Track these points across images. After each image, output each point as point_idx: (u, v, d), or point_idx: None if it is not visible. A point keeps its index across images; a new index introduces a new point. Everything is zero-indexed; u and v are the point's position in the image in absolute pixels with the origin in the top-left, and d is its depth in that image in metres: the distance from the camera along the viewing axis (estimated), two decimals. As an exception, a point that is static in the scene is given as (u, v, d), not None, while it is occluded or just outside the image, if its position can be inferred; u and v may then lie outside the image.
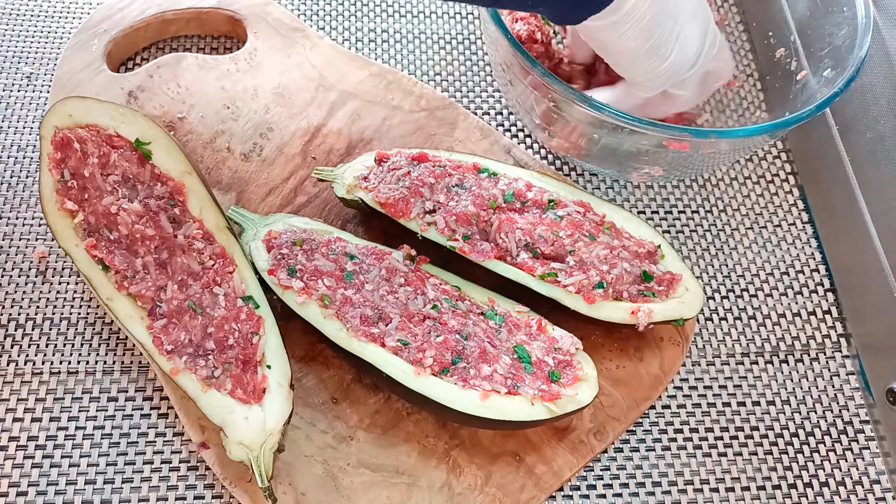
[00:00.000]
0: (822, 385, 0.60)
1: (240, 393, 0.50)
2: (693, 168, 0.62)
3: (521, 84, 0.60)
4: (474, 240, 0.57)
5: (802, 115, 0.54)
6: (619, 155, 0.61)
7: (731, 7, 0.77)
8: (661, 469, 0.56)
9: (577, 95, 0.54)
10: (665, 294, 0.57)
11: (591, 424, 0.56)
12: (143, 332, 0.52)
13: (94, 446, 0.54)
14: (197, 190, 0.56)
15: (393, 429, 0.55)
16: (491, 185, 0.59)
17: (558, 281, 0.55)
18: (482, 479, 0.54)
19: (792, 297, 0.64)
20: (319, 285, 0.54)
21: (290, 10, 0.76)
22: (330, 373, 0.57)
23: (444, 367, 0.51)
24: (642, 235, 0.59)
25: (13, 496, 0.52)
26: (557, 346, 0.54)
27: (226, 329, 0.52)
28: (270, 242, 0.56)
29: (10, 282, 0.60)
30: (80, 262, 0.53)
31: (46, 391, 0.56)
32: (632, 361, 0.59)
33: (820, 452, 0.58)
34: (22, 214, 0.63)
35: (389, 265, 0.55)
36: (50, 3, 0.74)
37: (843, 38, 0.59)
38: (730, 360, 0.61)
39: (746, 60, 0.73)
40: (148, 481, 0.53)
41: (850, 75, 0.56)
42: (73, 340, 0.58)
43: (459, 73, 0.74)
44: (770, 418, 0.59)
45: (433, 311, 0.53)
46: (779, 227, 0.67)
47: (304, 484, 0.52)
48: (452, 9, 0.77)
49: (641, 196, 0.68)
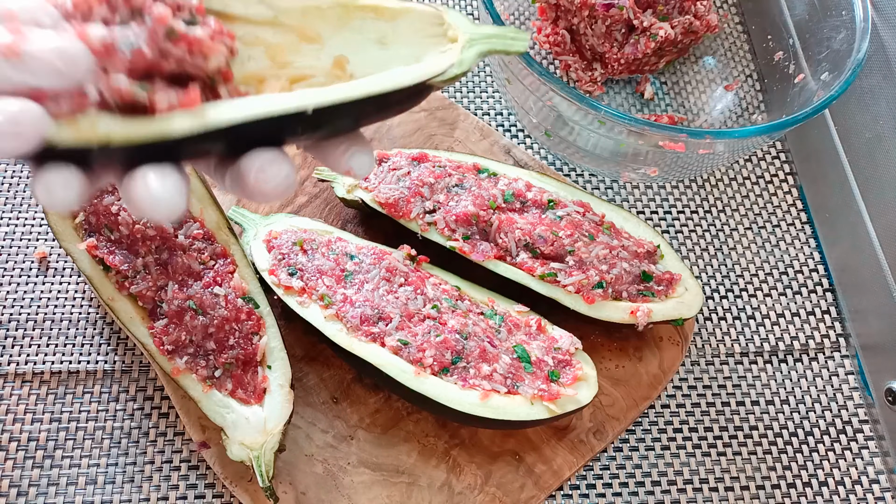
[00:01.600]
0: (821, 384, 0.61)
1: (240, 393, 0.50)
2: (691, 169, 0.63)
3: (519, 83, 0.60)
4: (474, 240, 0.57)
5: (798, 118, 0.55)
6: (617, 155, 0.61)
7: (730, 8, 0.77)
8: (661, 468, 0.56)
9: (574, 95, 0.54)
10: (664, 294, 0.57)
11: (590, 424, 0.56)
12: (143, 332, 0.52)
13: (95, 446, 0.54)
14: (198, 190, 0.56)
15: (393, 428, 0.55)
16: (491, 185, 0.59)
17: (558, 281, 0.55)
18: (482, 479, 0.54)
19: (791, 297, 0.64)
20: (319, 285, 0.54)
21: (291, 10, 0.76)
22: (330, 372, 0.57)
23: (443, 367, 0.51)
24: (642, 235, 0.59)
25: (14, 496, 0.52)
26: (557, 346, 0.54)
27: (226, 329, 0.52)
28: (271, 242, 0.56)
29: (10, 281, 0.60)
30: (80, 262, 0.54)
31: (47, 391, 0.56)
32: (631, 361, 0.59)
33: (819, 452, 0.58)
34: (23, 214, 0.63)
35: (389, 265, 0.55)
36: (50, 4, 0.74)
37: (842, 41, 0.59)
38: (729, 359, 0.61)
39: (745, 62, 0.74)
40: (149, 481, 0.53)
41: (848, 78, 0.56)
42: (74, 340, 0.58)
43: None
44: (769, 418, 0.59)
45: (433, 311, 0.53)
46: (778, 227, 0.68)
47: (304, 483, 0.53)
48: (452, 9, 0.77)
49: (641, 196, 0.68)
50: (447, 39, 0.36)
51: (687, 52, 0.73)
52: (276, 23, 0.35)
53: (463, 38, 0.36)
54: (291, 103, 0.31)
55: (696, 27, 0.69)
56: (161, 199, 0.30)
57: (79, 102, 0.29)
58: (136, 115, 0.30)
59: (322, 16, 0.35)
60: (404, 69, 0.34)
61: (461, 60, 0.35)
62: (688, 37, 0.70)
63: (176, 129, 0.30)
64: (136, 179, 0.30)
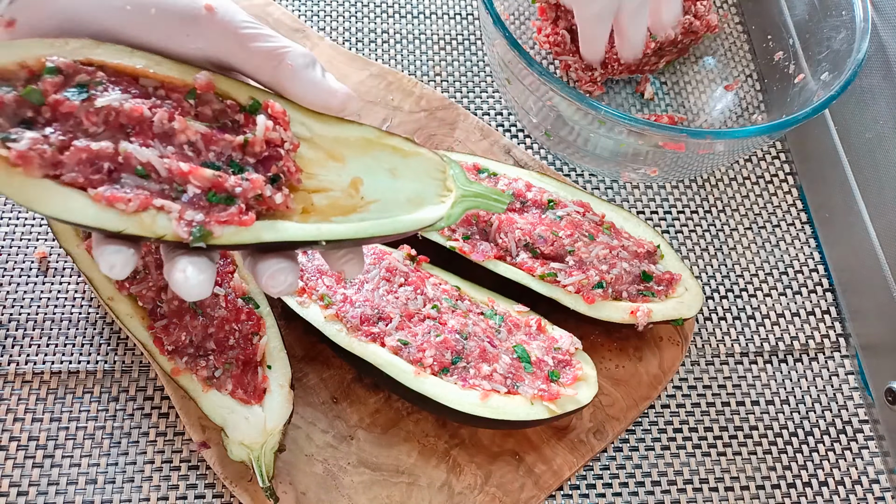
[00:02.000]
0: (821, 384, 0.61)
1: (240, 393, 0.50)
2: (691, 169, 0.63)
3: (519, 83, 0.60)
4: (474, 240, 0.57)
5: (798, 118, 0.55)
6: (617, 155, 0.61)
7: (730, 8, 0.77)
8: (661, 468, 0.56)
9: (574, 95, 0.54)
10: (664, 294, 0.57)
11: (590, 424, 0.56)
12: (144, 332, 0.52)
13: (96, 446, 0.54)
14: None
15: (393, 428, 0.55)
16: (491, 185, 0.59)
17: (558, 281, 0.55)
18: (482, 479, 0.54)
19: (791, 297, 0.64)
20: (319, 285, 0.54)
21: (291, 10, 0.76)
22: (330, 372, 0.57)
23: (443, 367, 0.51)
24: (642, 235, 0.59)
25: (14, 496, 0.52)
26: (557, 346, 0.54)
27: (226, 329, 0.52)
28: (271, 242, 0.56)
29: (10, 281, 0.60)
30: (81, 262, 0.54)
31: (47, 391, 0.56)
32: (631, 361, 0.59)
33: (819, 452, 0.58)
34: (23, 214, 0.63)
35: (389, 265, 0.55)
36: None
37: (842, 41, 0.59)
38: (729, 359, 0.61)
39: (745, 62, 0.74)
40: (149, 481, 0.53)
41: (848, 78, 0.56)
42: (75, 340, 0.58)
43: (459, 73, 0.74)
44: (769, 418, 0.59)
45: (433, 311, 0.53)
46: (778, 227, 0.68)
47: (304, 483, 0.53)
48: (452, 9, 0.77)
49: (641, 196, 0.68)
50: (444, 188, 0.43)
51: (687, 52, 0.73)
52: (311, 141, 0.42)
53: (457, 193, 0.42)
54: (311, 234, 0.39)
55: (695, 27, 0.69)
56: (194, 286, 0.38)
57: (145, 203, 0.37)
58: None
59: (348, 144, 0.42)
60: (404, 218, 0.42)
61: (449, 215, 0.42)
62: (688, 37, 0.70)
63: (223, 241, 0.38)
64: (177, 266, 0.38)
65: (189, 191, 0.38)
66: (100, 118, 0.38)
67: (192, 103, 0.40)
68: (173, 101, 0.39)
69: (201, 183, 0.38)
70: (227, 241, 0.38)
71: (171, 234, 0.37)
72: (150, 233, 0.37)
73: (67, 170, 0.37)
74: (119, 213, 0.37)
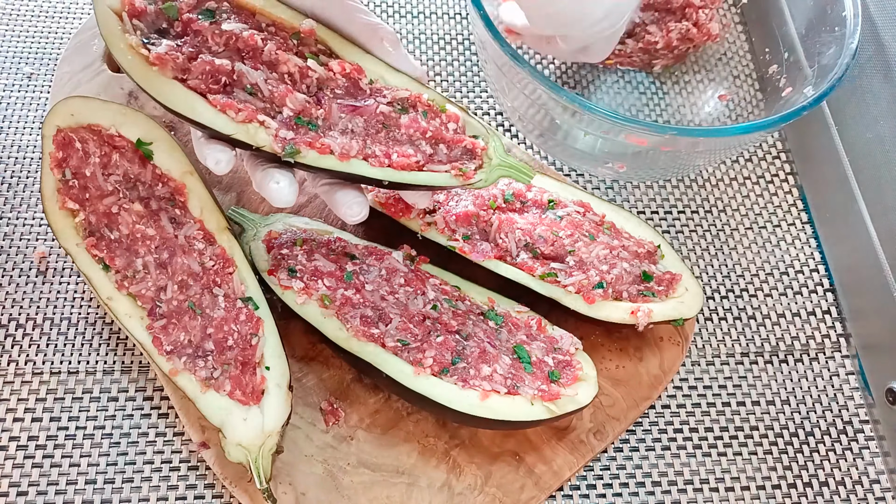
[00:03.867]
0: (821, 385, 0.61)
1: (238, 394, 0.50)
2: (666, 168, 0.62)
3: (516, 88, 0.60)
4: (474, 240, 0.57)
5: (763, 124, 0.54)
6: (594, 149, 0.61)
7: (733, 17, 0.77)
8: (661, 468, 0.56)
9: (569, 95, 0.54)
10: (665, 294, 0.57)
11: (590, 424, 0.56)
12: (142, 332, 0.52)
13: (95, 446, 0.54)
14: (197, 190, 0.56)
15: (393, 429, 0.55)
16: (491, 184, 0.59)
17: (558, 281, 0.55)
18: (482, 479, 0.54)
19: (791, 297, 0.64)
20: (319, 285, 0.54)
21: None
22: (330, 373, 0.57)
23: (443, 368, 0.51)
24: (642, 235, 0.59)
25: (13, 496, 0.52)
26: (557, 346, 0.54)
27: (225, 330, 0.52)
28: (270, 243, 0.56)
29: (10, 281, 0.60)
30: (80, 262, 0.53)
31: (47, 391, 0.56)
32: (631, 361, 0.59)
33: (819, 452, 0.58)
34: (22, 214, 0.63)
35: (389, 265, 0.55)
36: (50, 3, 0.74)
37: (830, 57, 0.59)
38: (729, 359, 0.61)
39: (744, 76, 0.73)
40: (148, 481, 0.53)
41: (824, 92, 0.56)
42: (74, 340, 0.58)
43: (459, 73, 0.74)
44: (770, 418, 0.59)
45: (433, 312, 0.53)
46: (778, 227, 0.68)
47: (304, 483, 0.53)
48: (452, 9, 0.77)
49: (641, 196, 0.68)
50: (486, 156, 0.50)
51: (685, 58, 0.73)
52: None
53: (495, 161, 0.50)
54: (377, 174, 0.48)
55: (692, 34, 0.69)
56: (287, 195, 0.47)
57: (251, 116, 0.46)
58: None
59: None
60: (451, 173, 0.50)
61: (487, 179, 0.50)
62: (685, 44, 0.70)
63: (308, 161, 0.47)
64: (272, 177, 0.47)
65: (284, 112, 0.47)
66: (222, 40, 0.47)
67: (294, 43, 0.49)
68: (280, 38, 0.48)
69: (294, 106, 0.47)
70: (311, 162, 0.47)
71: (269, 147, 0.46)
72: (252, 142, 0.46)
73: (192, 76, 0.46)
74: (229, 120, 0.46)
